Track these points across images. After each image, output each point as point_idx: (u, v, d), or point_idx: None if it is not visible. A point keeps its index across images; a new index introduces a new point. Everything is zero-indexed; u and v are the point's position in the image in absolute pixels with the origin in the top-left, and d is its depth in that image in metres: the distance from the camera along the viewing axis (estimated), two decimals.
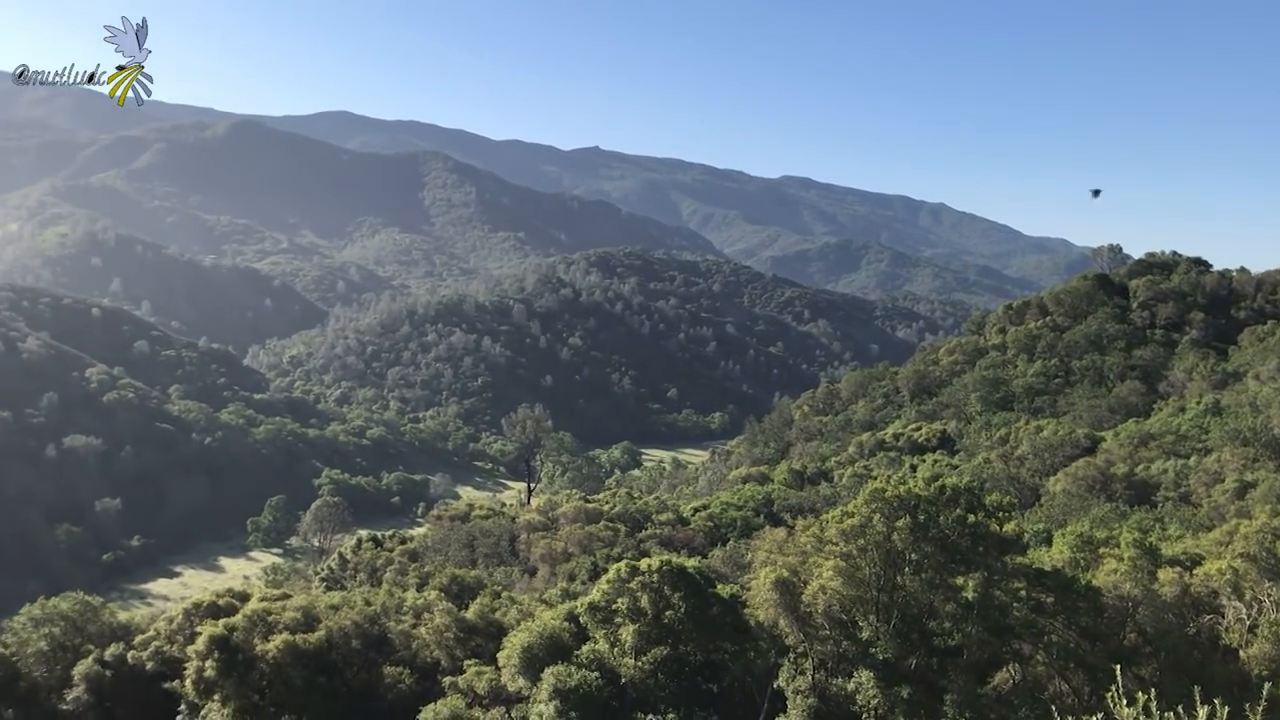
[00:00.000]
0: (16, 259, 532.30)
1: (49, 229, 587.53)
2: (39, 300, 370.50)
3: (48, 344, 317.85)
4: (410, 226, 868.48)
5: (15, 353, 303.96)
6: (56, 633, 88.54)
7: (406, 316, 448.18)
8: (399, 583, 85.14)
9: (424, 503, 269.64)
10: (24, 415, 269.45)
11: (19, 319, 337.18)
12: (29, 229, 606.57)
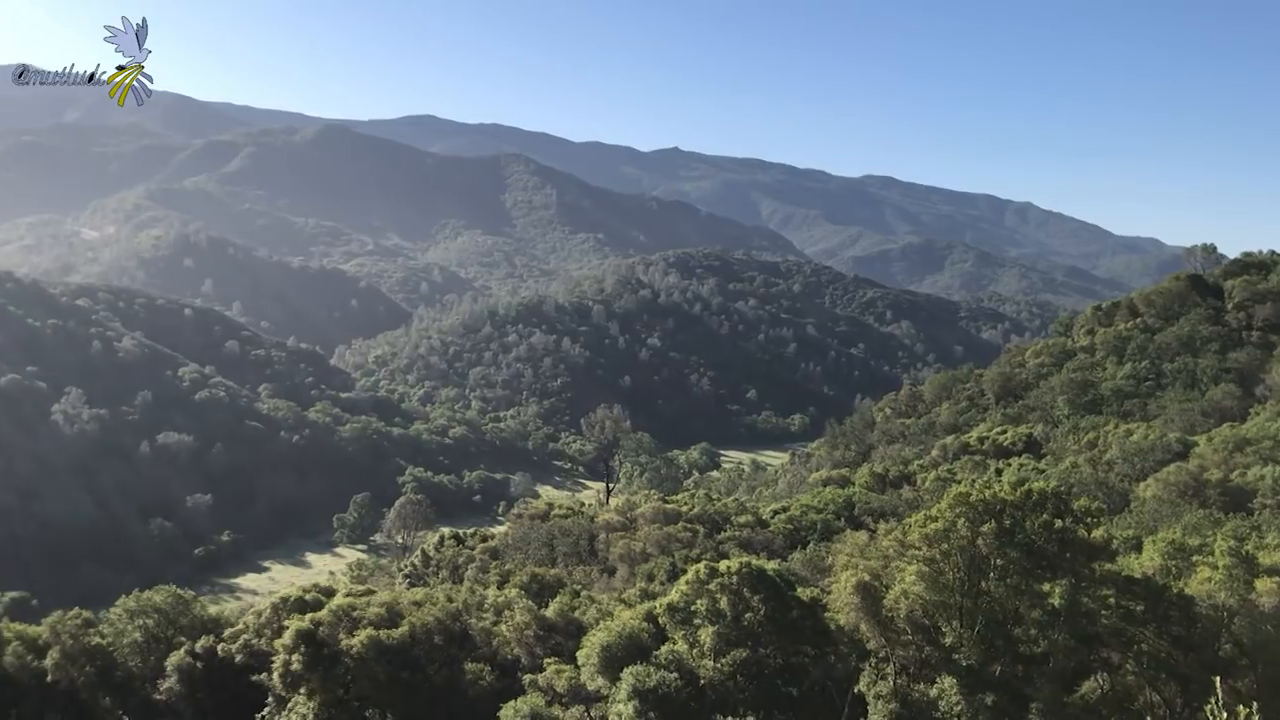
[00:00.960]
0: (113, 261, 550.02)
1: (144, 232, 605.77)
2: (134, 301, 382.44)
3: (143, 343, 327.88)
4: (492, 228, 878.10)
5: (112, 352, 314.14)
6: (150, 624, 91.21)
7: (488, 317, 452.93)
8: (480, 580, 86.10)
9: (504, 501, 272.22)
10: (120, 413, 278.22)
11: (115, 319, 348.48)
12: (125, 232, 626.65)
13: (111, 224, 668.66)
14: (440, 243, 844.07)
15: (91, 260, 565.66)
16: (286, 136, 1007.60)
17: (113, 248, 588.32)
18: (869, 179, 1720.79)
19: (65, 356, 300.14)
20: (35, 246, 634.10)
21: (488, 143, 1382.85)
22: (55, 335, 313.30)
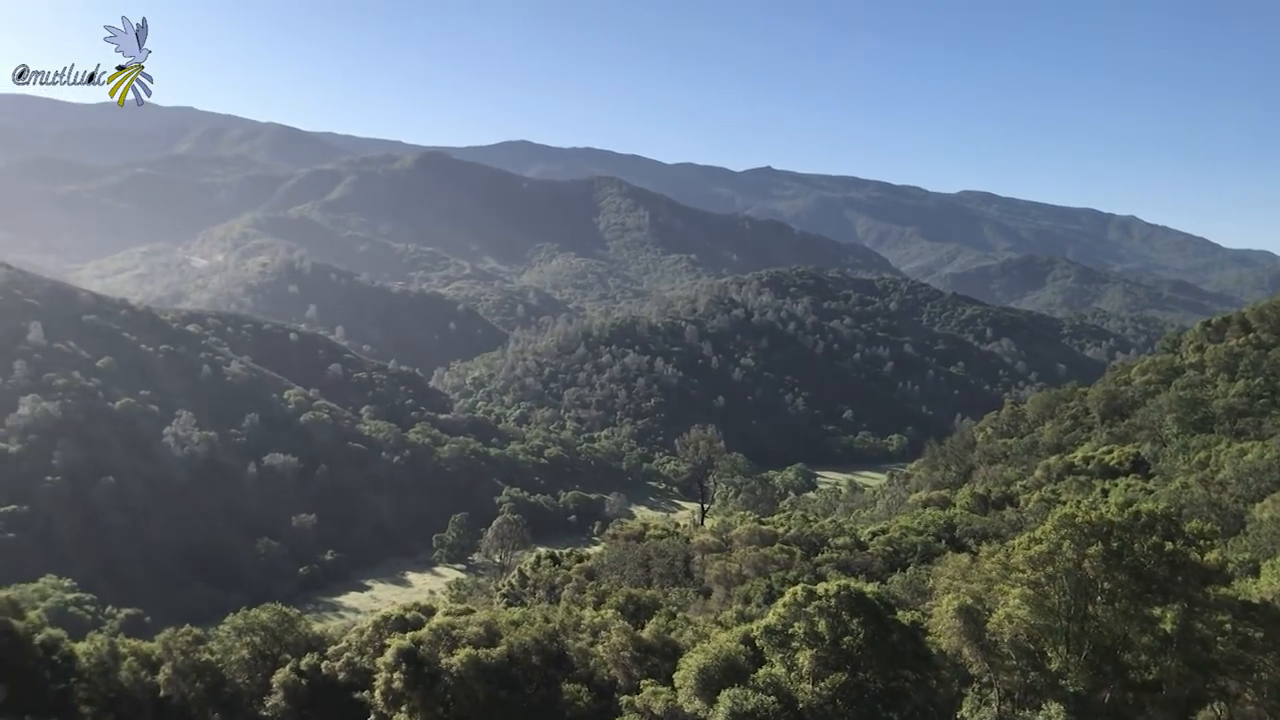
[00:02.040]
0: (222, 288, 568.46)
1: (251, 259, 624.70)
2: (242, 326, 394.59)
3: (250, 367, 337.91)
4: (585, 251, 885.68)
5: (221, 376, 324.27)
6: (257, 641, 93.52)
7: (582, 339, 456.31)
8: (576, 600, 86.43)
9: (599, 521, 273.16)
10: (228, 435, 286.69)
11: (224, 344, 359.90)
12: (233, 259, 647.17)
13: (220, 252, 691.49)
14: (535, 266, 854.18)
15: (201, 287, 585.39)
16: (386, 164, 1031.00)
17: (221, 275, 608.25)
18: (967, 195, 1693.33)
19: (176, 380, 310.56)
20: (148, 275, 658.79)
21: (581, 166, 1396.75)
22: (167, 360, 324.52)
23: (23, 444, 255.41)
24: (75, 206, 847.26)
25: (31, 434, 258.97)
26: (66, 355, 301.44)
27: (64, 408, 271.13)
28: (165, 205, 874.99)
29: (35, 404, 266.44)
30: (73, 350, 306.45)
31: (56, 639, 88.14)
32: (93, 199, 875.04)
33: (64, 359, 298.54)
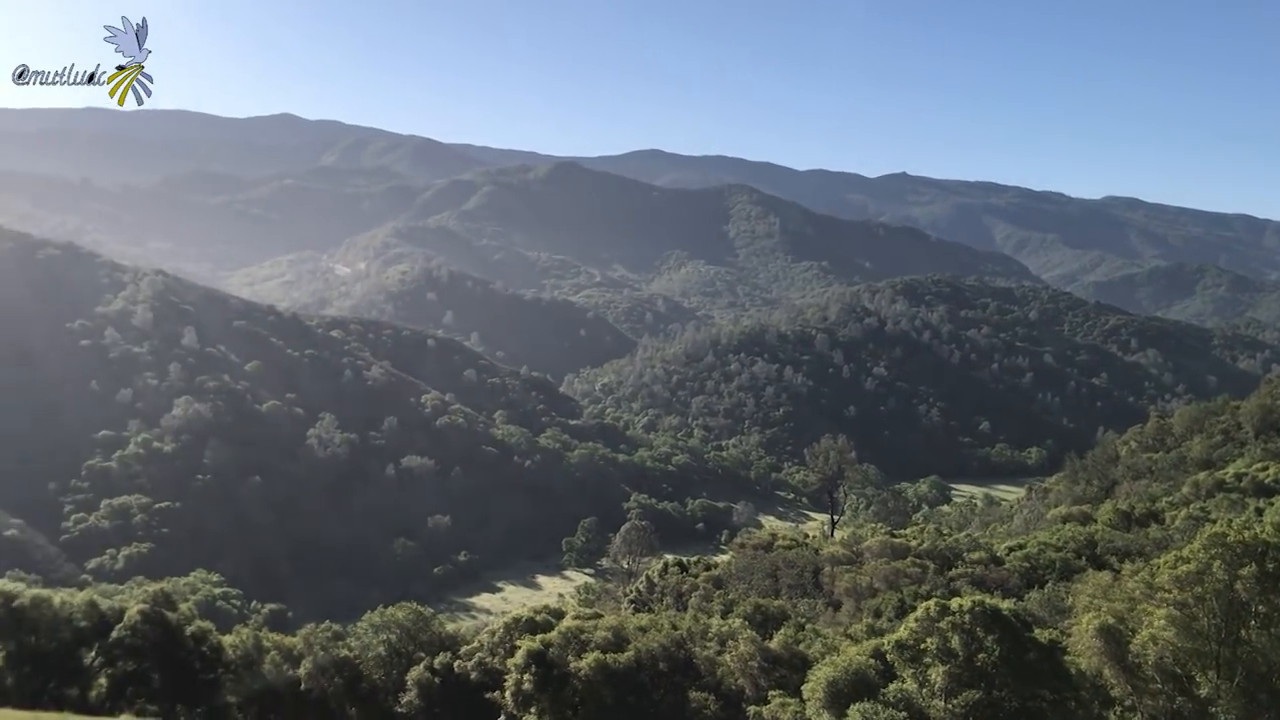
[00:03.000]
0: (364, 295, 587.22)
1: (392, 267, 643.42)
2: (382, 332, 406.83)
3: (389, 372, 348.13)
4: (715, 258, 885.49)
5: (362, 380, 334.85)
6: (393, 639, 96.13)
7: (710, 346, 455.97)
8: (704, 609, 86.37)
9: (727, 530, 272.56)
10: (369, 437, 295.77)
11: (365, 349, 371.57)
12: (375, 267, 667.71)
13: (362, 260, 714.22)
14: (664, 273, 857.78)
15: (344, 294, 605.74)
16: (521, 174, 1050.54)
17: (363, 282, 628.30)
18: (1111, 200, 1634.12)
19: (320, 384, 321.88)
20: (295, 282, 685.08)
21: (712, 174, 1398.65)
22: (312, 364, 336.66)
23: (176, 443, 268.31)
24: (228, 216, 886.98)
25: (184, 434, 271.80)
26: (218, 359, 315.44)
27: (214, 409, 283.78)
28: (312, 215, 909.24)
29: (188, 405, 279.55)
30: (223, 354, 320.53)
31: (206, 631, 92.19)
32: (244, 209, 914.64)
33: (215, 362, 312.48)
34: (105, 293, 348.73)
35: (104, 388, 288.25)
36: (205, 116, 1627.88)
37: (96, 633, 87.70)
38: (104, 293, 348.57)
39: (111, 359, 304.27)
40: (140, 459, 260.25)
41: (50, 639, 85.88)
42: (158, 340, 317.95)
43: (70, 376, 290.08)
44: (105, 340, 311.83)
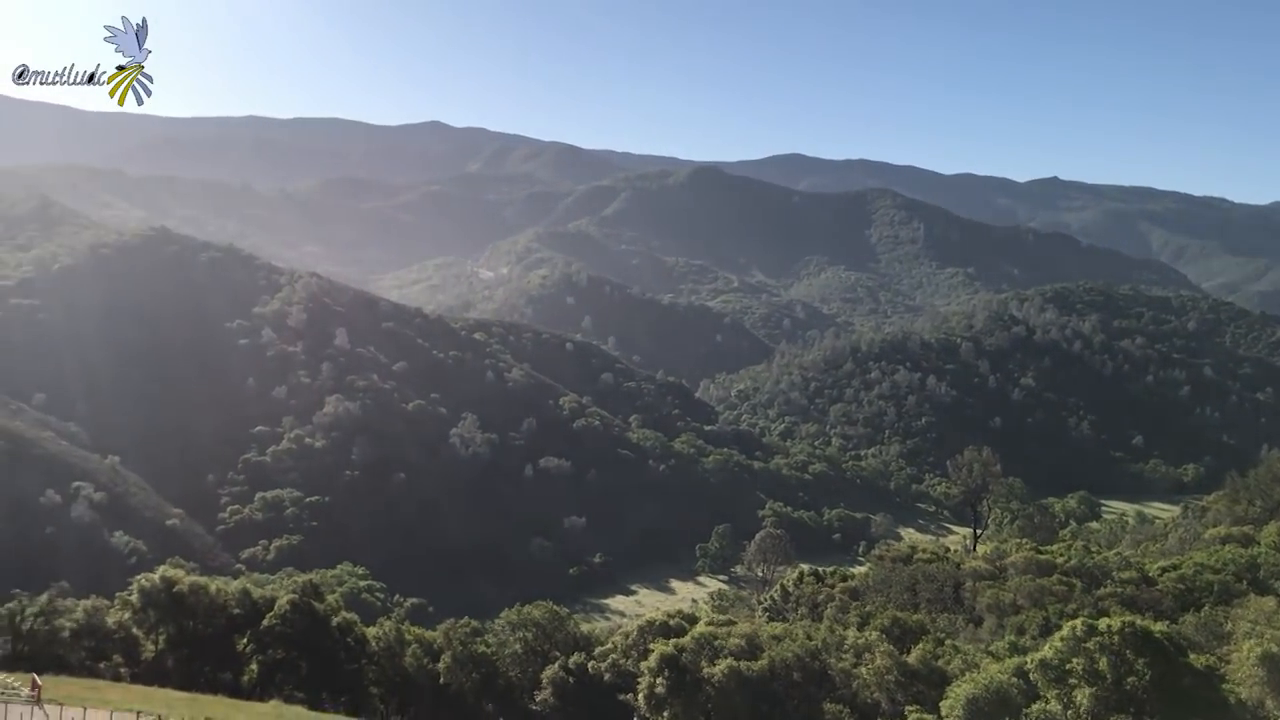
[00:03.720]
0: (506, 298, 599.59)
1: (533, 272, 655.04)
2: (523, 335, 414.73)
3: (529, 374, 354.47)
4: (856, 264, 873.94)
5: (503, 382, 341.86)
6: (529, 637, 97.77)
7: (850, 354, 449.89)
8: (839, 620, 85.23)
9: (864, 541, 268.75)
10: (508, 438, 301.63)
11: (506, 352, 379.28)
12: (516, 272, 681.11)
13: (505, 265, 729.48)
14: (803, 279, 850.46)
15: (487, 298, 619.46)
16: (661, 180, 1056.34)
17: (505, 287, 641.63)
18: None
19: (463, 385, 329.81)
20: (440, 285, 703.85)
21: (854, 178, 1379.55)
22: (455, 366, 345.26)
23: (327, 440, 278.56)
24: (377, 222, 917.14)
25: (334, 431, 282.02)
26: (367, 359, 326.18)
27: (363, 407, 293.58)
28: (457, 221, 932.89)
29: (339, 403, 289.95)
30: (372, 354, 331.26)
31: (350, 622, 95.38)
32: (393, 215, 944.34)
33: (364, 363, 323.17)
34: (263, 294, 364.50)
35: (260, 385, 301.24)
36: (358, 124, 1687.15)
37: (249, 620, 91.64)
38: (261, 294, 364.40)
39: (268, 357, 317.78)
40: (292, 454, 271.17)
41: (207, 624, 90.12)
42: (311, 340, 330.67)
43: (229, 373, 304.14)
44: (262, 339, 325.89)
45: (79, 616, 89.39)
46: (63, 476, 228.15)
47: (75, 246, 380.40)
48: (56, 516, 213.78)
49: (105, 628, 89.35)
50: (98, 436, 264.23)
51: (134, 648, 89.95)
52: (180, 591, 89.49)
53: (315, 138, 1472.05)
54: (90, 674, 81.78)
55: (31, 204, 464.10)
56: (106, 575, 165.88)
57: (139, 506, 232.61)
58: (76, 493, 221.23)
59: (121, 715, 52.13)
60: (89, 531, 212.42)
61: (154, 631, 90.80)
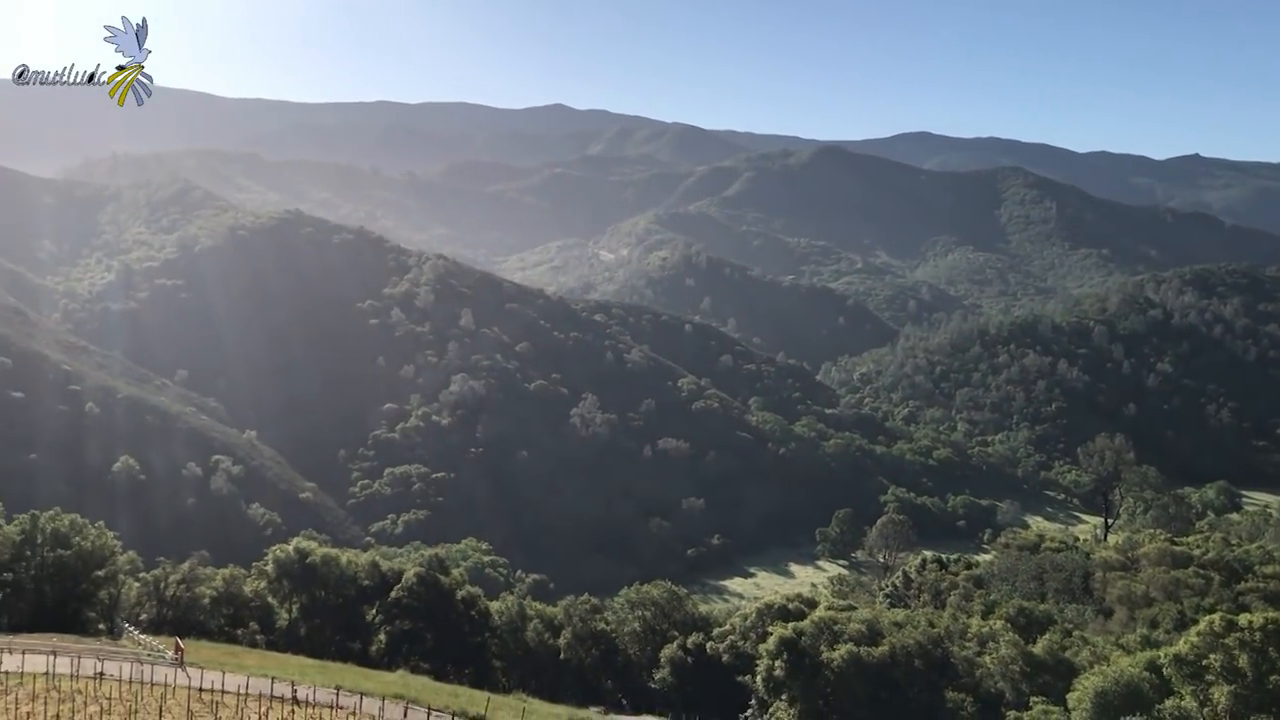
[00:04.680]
0: (626, 280, 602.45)
1: (653, 253, 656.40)
2: (642, 317, 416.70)
3: (648, 355, 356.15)
4: (984, 245, 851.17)
5: (622, 363, 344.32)
6: (648, 616, 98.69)
7: (977, 337, 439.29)
8: (963, 608, 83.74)
9: (989, 529, 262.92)
10: (627, 418, 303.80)
11: (626, 333, 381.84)
12: (637, 254, 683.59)
13: (625, 246, 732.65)
14: (929, 260, 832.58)
15: (608, 280, 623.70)
16: (783, 159, 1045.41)
17: (626, 268, 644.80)
18: None
19: (583, 365, 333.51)
20: (562, 267, 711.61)
21: (983, 157, 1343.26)
22: (576, 346, 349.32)
23: (452, 418, 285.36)
24: (501, 204, 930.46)
25: (460, 409, 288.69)
26: (491, 339, 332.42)
27: (487, 386, 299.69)
28: (578, 203, 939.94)
29: (464, 382, 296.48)
30: (496, 335, 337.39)
31: (475, 596, 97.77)
32: (516, 197, 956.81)
33: (489, 343, 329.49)
34: (392, 275, 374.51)
35: (389, 364, 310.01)
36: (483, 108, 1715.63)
37: (377, 591, 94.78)
38: (391, 275, 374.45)
39: (397, 337, 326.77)
40: (420, 431, 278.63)
41: (337, 595, 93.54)
42: (438, 320, 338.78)
43: (359, 353, 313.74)
44: (391, 320, 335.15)
45: (218, 584, 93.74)
46: (204, 450, 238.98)
47: (215, 229, 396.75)
48: (197, 488, 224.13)
49: (242, 596, 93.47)
50: (236, 412, 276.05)
51: (269, 615, 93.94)
52: (313, 562, 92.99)
53: (442, 122, 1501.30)
54: (228, 639, 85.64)
55: (174, 188, 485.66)
56: (243, 545, 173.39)
57: (274, 480, 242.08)
58: (216, 466, 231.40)
59: (257, 680, 54.37)
60: (227, 503, 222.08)
61: (288, 600, 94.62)
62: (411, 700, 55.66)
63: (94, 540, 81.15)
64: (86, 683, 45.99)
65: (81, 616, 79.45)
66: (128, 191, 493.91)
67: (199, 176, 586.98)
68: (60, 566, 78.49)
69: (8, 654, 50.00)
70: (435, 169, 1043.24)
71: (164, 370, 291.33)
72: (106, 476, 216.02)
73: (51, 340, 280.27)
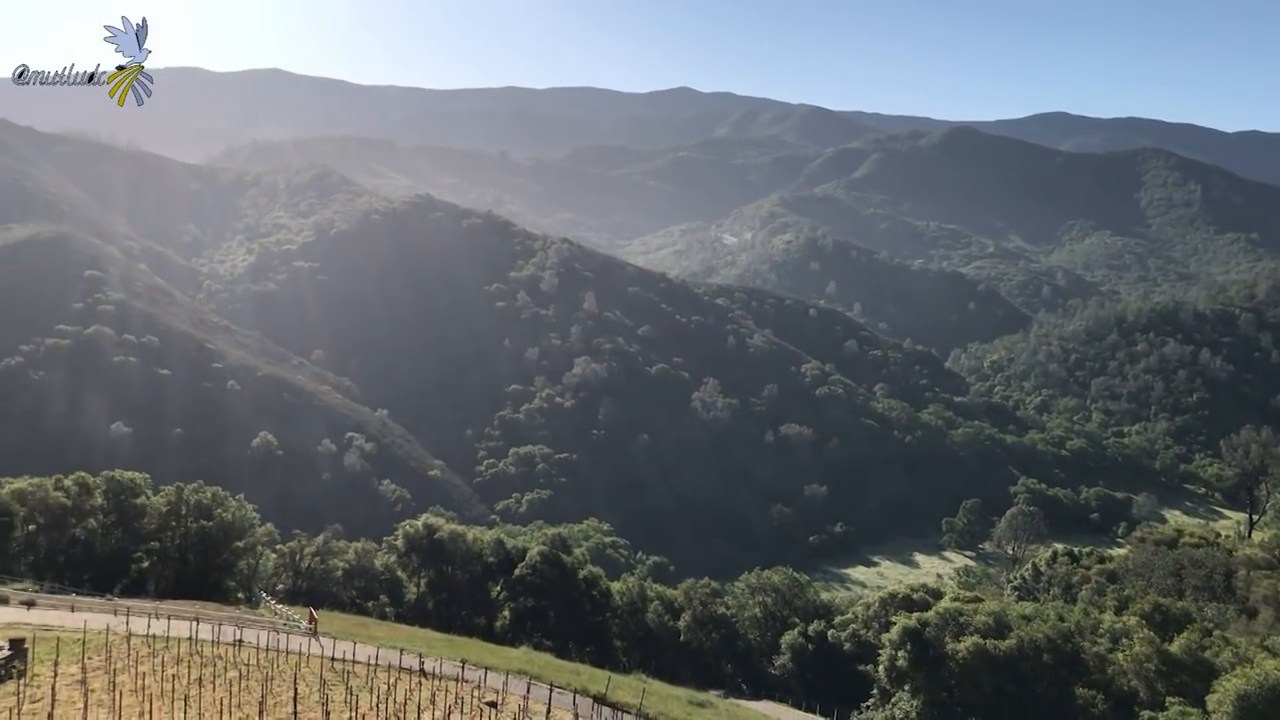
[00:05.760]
0: (749, 264, 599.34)
1: (777, 237, 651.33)
2: (765, 301, 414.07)
3: (770, 340, 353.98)
4: (1123, 229, 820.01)
5: (744, 347, 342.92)
6: (769, 602, 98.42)
7: (1115, 324, 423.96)
8: (1095, 603, 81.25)
9: (1124, 522, 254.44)
10: (749, 403, 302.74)
11: (748, 317, 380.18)
12: (760, 237, 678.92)
13: (748, 230, 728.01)
14: (1065, 245, 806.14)
15: (730, 263, 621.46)
16: (912, 141, 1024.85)
17: (749, 252, 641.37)
18: None
19: (704, 349, 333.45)
20: (684, 251, 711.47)
21: (1124, 137, 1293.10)
22: (698, 330, 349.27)
23: (575, 400, 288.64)
24: (625, 188, 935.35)
25: (582, 391, 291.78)
26: (613, 323, 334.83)
27: (609, 369, 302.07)
28: (702, 186, 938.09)
29: (586, 365, 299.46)
30: (618, 318, 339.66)
31: (596, 576, 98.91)
32: (640, 181, 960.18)
33: (611, 326, 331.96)
34: (518, 259, 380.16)
35: (515, 346, 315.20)
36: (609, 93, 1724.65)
37: (502, 568, 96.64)
38: (517, 259, 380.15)
39: (522, 319, 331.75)
40: (543, 412, 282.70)
41: (464, 570, 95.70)
42: (562, 304, 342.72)
43: (486, 334, 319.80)
44: (517, 303, 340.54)
45: (350, 558, 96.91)
46: (338, 427, 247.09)
47: (349, 213, 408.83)
48: (332, 464, 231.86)
49: (373, 569, 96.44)
50: (368, 391, 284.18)
51: (398, 589, 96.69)
52: (440, 538, 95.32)
53: (569, 107, 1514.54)
54: (359, 611, 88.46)
55: (312, 173, 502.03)
56: (374, 520, 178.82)
57: (404, 457, 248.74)
58: (349, 443, 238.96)
59: (386, 652, 55.97)
60: (360, 479, 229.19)
61: (416, 575, 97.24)
62: (534, 676, 56.56)
63: (235, 512, 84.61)
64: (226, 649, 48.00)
65: (222, 585, 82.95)
66: (267, 177, 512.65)
67: (335, 162, 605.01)
68: (203, 537, 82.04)
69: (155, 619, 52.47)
70: (561, 153, 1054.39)
71: (300, 349, 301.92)
72: (246, 451, 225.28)
73: (196, 320, 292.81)
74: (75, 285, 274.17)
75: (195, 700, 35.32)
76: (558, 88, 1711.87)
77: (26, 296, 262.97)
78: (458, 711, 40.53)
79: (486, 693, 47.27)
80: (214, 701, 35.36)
